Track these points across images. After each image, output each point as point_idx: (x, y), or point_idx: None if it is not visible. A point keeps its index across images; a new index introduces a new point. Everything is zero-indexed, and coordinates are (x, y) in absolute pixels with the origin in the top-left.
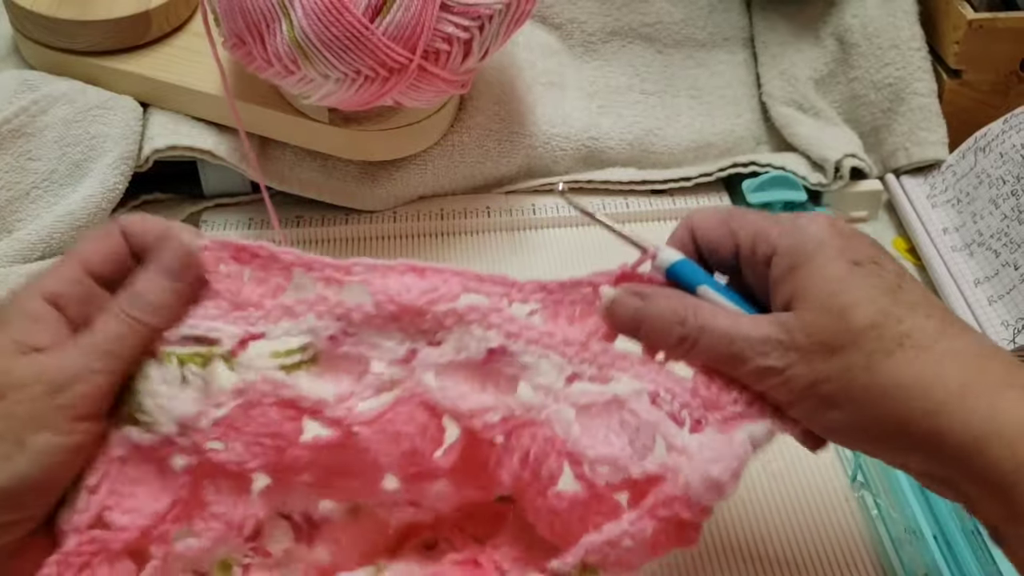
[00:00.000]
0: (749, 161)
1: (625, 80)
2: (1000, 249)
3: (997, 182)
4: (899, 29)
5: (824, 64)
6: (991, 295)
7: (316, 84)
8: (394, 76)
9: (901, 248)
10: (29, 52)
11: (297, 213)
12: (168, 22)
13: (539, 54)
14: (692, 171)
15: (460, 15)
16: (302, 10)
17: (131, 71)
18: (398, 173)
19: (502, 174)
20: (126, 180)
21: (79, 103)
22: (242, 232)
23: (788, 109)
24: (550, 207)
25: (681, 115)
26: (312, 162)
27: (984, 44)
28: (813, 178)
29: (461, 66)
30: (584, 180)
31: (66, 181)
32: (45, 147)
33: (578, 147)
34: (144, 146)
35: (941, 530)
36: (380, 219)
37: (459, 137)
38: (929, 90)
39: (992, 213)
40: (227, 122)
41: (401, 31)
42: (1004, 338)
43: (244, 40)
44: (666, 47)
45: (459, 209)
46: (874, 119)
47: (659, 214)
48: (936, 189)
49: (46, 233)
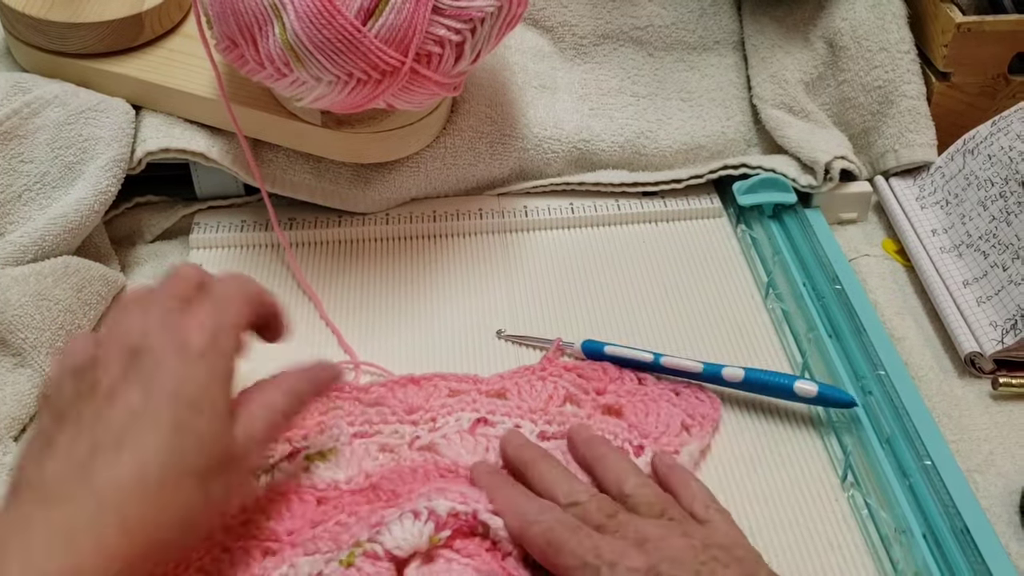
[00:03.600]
0: (739, 163)
1: (616, 83)
2: (988, 250)
3: (985, 184)
4: (888, 32)
5: (814, 67)
6: (980, 296)
7: (308, 87)
8: (386, 79)
9: (890, 249)
10: (21, 54)
11: (290, 215)
12: (160, 24)
13: (531, 57)
14: (683, 173)
15: (452, 18)
16: (294, 13)
17: (123, 73)
18: (390, 175)
19: (494, 176)
20: (118, 182)
21: (71, 105)
22: (234, 234)
23: (778, 112)
24: (542, 209)
25: (672, 118)
26: (304, 164)
27: (972, 47)
28: (803, 180)
29: (453, 69)
30: (576, 182)
31: (58, 183)
32: (37, 149)
33: (570, 149)
34: (136, 148)
35: (931, 529)
36: (373, 221)
37: (451, 139)
38: (918, 93)
39: (980, 215)
40: (219, 124)
41: (393, 34)
42: (993, 338)
43: (236, 43)
44: (657, 50)
45: (451, 211)
46: (863, 121)
47: (650, 216)
48: (925, 191)
49: (38, 236)
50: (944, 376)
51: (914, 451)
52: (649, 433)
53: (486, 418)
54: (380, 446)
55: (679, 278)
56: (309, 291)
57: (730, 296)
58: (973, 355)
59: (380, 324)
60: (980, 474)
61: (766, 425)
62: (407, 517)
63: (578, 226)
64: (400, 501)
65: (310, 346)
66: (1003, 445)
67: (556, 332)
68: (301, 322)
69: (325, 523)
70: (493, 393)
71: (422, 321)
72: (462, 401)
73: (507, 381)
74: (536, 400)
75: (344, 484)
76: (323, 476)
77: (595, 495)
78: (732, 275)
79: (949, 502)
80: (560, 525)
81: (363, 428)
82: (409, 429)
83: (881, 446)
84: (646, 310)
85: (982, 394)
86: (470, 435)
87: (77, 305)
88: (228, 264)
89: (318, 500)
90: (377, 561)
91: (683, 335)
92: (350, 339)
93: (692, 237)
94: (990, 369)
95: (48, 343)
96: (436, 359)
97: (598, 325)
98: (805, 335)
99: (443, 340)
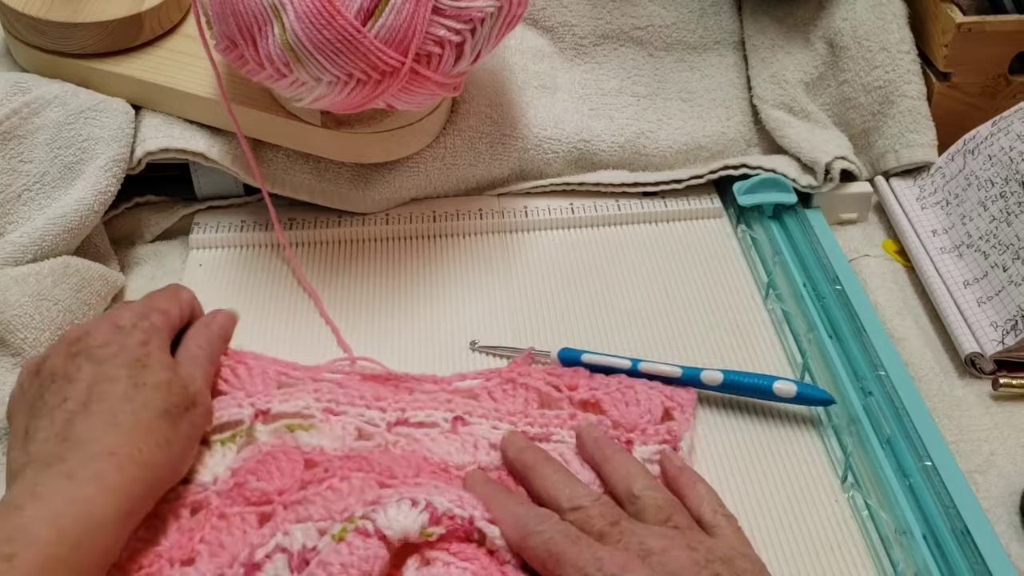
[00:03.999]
0: (740, 163)
1: (616, 83)
2: (989, 251)
3: (986, 184)
4: (888, 32)
5: (814, 67)
6: (980, 296)
7: (308, 87)
8: (386, 79)
9: (890, 250)
10: (21, 54)
11: (290, 215)
12: (160, 24)
13: (531, 57)
14: (683, 173)
15: (452, 18)
16: (294, 13)
17: (123, 73)
18: (390, 175)
19: (494, 176)
20: (118, 182)
21: (71, 105)
22: (234, 234)
23: (778, 112)
24: (542, 209)
25: (672, 118)
26: (304, 164)
27: (972, 47)
28: (803, 180)
29: (453, 69)
30: (576, 183)
31: (58, 183)
32: (37, 149)
33: (570, 149)
34: (136, 148)
35: (931, 530)
36: (372, 221)
37: (451, 140)
38: (918, 93)
39: (981, 215)
40: (219, 124)
41: (393, 34)
42: (993, 339)
43: (236, 43)
44: (657, 50)
45: (451, 211)
46: (864, 122)
47: (650, 216)
48: (925, 191)
49: (38, 236)
50: (944, 377)
51: (914, 452)
52: (635, 425)
53: (463, 417)
54: (358, 428)
55: (679, 278)
56: (309, 289)
57: (730, 296)
58: (973, 356)
59: (380, 324)
60: (980, 475)
61: (766, 426)
62: (404, 502)
63: (578, 226)
64: (397, 483)
65: (310, 345)
66: (1004, 446)
67: (556, 332)
68: (301, 321)
69: (316, 484)
70: (462, 393)
71: (422, 321)
72: (434, 399)
73: (473, 382)
74: (513, 403)
75: (330, 451)
76: (308, 441)
77: (598, 500)
78: (732, 275)
79: (949, 503)
80: (561, 536)
81: (330, 404)
82: (378, 415)
83: (881, 447)
84: (646, 310)
85: (982, 395)
86: (454, 435)
87: (76, 305)
88: (228, 264)
89: (306, 462)
90: (368, 538)
91: (682, 335)
92: (349, 339)
93: (692, 237)
94: (990, 370)
95: (47, 343)
96: (435, 359)
97: (598, 325)
98: (805, 336)
99: (442, 340)
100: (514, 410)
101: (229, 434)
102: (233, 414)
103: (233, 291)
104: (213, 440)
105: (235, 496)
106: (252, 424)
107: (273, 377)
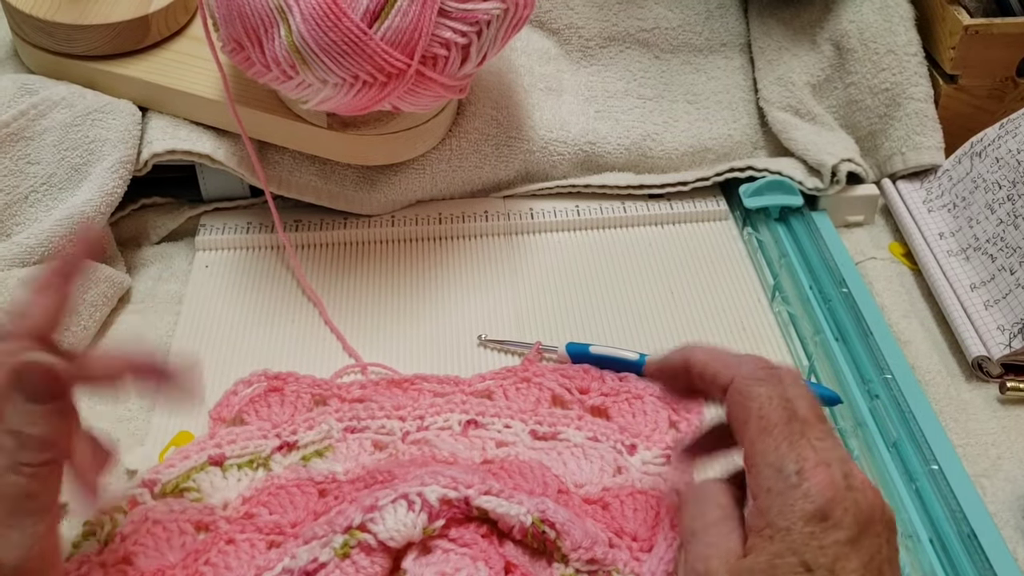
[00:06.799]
0: (746, 166)
1: (622, 85)
2: (996, 254)
3: (993, 187)
4: (895, 34)
5: (821, 69)
6: (987, 299)
7: (314, 89)
8: (392, 81)
9: (897, 253)
10: (28, 56)
11: (295, 217)
12: (167, 26)
13: (537, 59)
14: (689, 176)
15: (458, 20)
16: (300, 15)
17: (130, 75)
18: (396, 177)
19: (500, 178)
20: (125, 184)
21: (78, 107)
22: (240, 236)
23: (785, 114)
24: (548, 211)
25: (678, 120)
26: (310, 166)
27: (980, 49)
28: (810, 183)
29: (459, 71)
30: (581, 185)
31: (65, 185)
32: (44, 151)
33: (575, 152)
34: (143, 150)
35: (937, 534)
36: (378, 223)
37: (457, 142)
38: (925, 95)
39: (988, 218)
40: (225, 126)
41: (399, 36)
42: (1000, 342)
43: (242, 45)
44: (663, 52)
45: (457, 213)
46: (870, 124)
47: (656, 218)
48: (932, 194)
49: (44, 237)
50: (951, 380)
51: (921, 455)
52: (640, 432)
53: (476, 420)
54: (373, 442)
55: (685, 280)
56: (312, 295)
57: (736, 299)
58: (980, 359)
59: (385, 326)
60: (987, 479)
61: None
62: (400, 505)
63: (584, 228)
64: (395, 482)
65: (314, 348)
66: (1011, 450)
67: (562, 334)
68: (308, 324)
69: (327, 514)
70: (479, 394)
71: (427, 323)
72: (450, 402)
73: (491, 382)
74: (525, 401)
75: (342, 476)
76: (321, 469)
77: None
78: (738, 278)
79: (956, 507)
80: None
81: (352, 423)
82: (398, 424)
83: (888, 450)
84: (652, 312)
85: (989, 398)
86: (464, 437)
87: (82, 307)
88: (234, 265)
89: (320, 492)
90: (372, 553)
91: (688, 338)
92: (355, 341)
93: (698, 240)
94: (997, 373)
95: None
96: (441, 361)
97: (604, 328)
98: (811, 338)
99: (448, 342)
100: (525, 408)
101: (247, 459)
102: (258, 445)
103: (239, 293)
104: (228, 463)
105: (245, 524)
106: (272, 454)
107: (307, 403)
